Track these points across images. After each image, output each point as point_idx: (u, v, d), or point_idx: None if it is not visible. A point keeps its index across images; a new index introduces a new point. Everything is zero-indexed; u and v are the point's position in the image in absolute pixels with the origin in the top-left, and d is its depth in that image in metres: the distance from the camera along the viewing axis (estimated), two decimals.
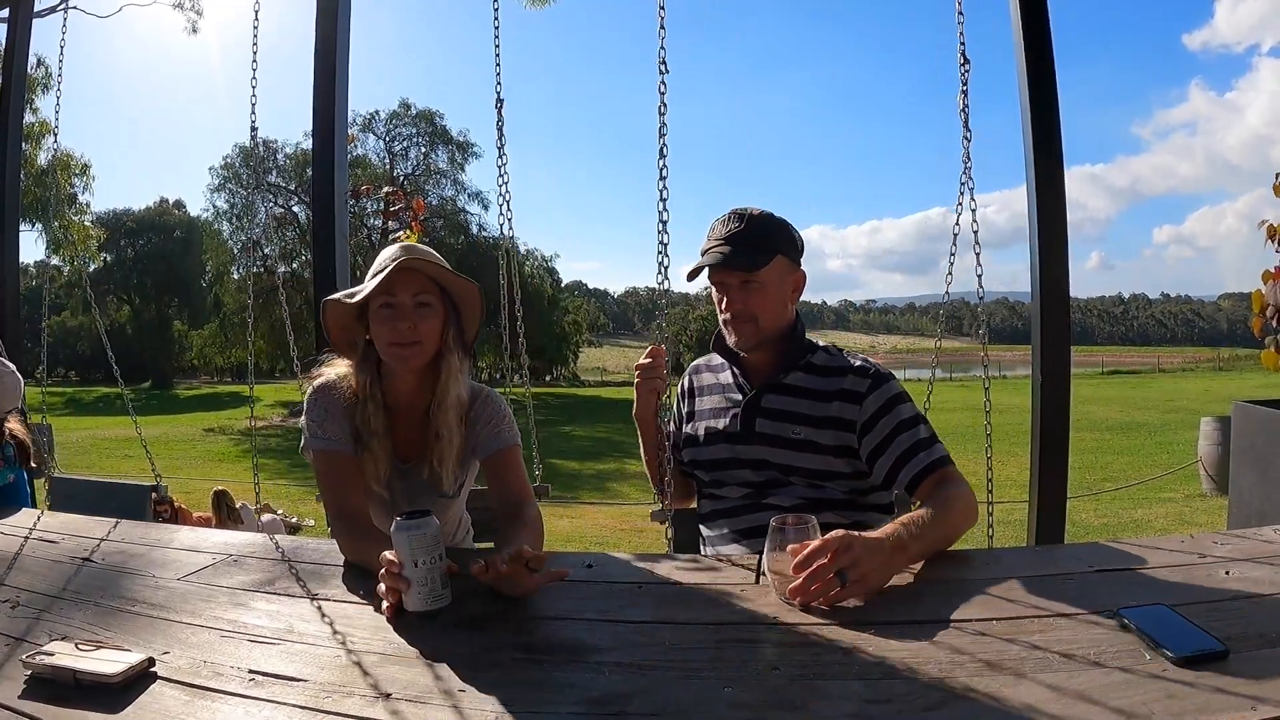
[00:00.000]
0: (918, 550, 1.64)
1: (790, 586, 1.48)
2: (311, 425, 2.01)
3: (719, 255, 2.05)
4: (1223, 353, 72.98)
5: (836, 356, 2.14)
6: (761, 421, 2.11)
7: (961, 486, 1.88)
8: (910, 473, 1.93)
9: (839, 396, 2.04)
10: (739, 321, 2.09)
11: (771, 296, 2.08)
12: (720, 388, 2.25)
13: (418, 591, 1.52)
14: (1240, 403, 5.04)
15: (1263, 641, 1.24)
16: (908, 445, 1.96)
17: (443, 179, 36.55)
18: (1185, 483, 10.00)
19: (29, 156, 17.02)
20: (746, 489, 2.12)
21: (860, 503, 2.08)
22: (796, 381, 2.11)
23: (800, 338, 2.16)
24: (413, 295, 1.93)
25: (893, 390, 2.03)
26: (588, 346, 69.66)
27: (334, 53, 3.49)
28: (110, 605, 1.64)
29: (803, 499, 2.04)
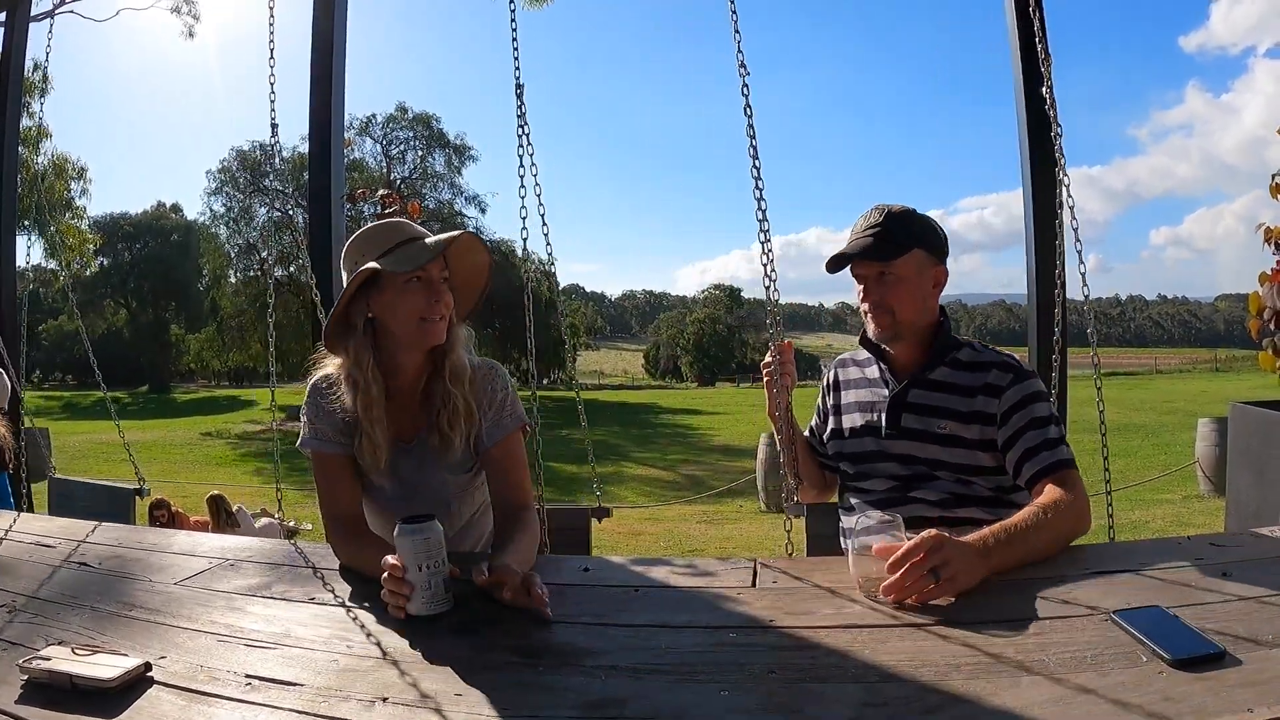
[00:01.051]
0: (1012, 555, 1.63)
1: (885, 584, 1.49)
2: (307, 422, 2.00)
3: (858, 246, 2.10)
4: (1220, 354, 73.07)
5: (983, 352, 2.16)
6: (908, 416, 2.13)
7: (1075, 492, 1.85)
8: (1031, 470, 1.94)
9: (983, 391, 2.06)
10: (876, 312, 2.12)
11: (909, 289, 2.11)
12: (866, 382, 2.28)
13: (420, 596, 1.52)
14: (1237, 404, 5.05)
15: (1259, 644, 1.24)
16: (1035, 442, 1.96)
17: (440, 182, 36.61)
18: (1182, 484, 10.01)
19: (26, 161, 16.99)
20: (893, 482, 2.14)
21: (1006, 499, 2.06)
22: (942, 377, 2.13)
23: (946, 333, 2.17)
24: (440, 270, 1.94)
25: (1032, 387, 2.05)
26: (585, 349, 69.64)
27: (331, 50, 3.49)
28: (107, 610, 1.64)
29: (949, 494, 2.06)
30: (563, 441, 21.79)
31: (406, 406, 2.03)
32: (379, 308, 1.93)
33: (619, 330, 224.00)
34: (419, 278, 1.90)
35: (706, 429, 25.09)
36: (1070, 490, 1.85)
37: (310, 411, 2.00)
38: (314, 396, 2.01)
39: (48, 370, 53.49)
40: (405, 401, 2.03)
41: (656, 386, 60.77)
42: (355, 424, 1.96)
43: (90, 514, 3.92)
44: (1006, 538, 1.63)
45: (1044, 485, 1.89)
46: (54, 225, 15.28)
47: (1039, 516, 1.73)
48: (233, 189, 33.37)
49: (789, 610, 1.51)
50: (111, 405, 4.74)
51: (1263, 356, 5.03)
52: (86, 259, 25.10)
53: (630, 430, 25.31)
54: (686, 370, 67.24)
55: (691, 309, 74.85)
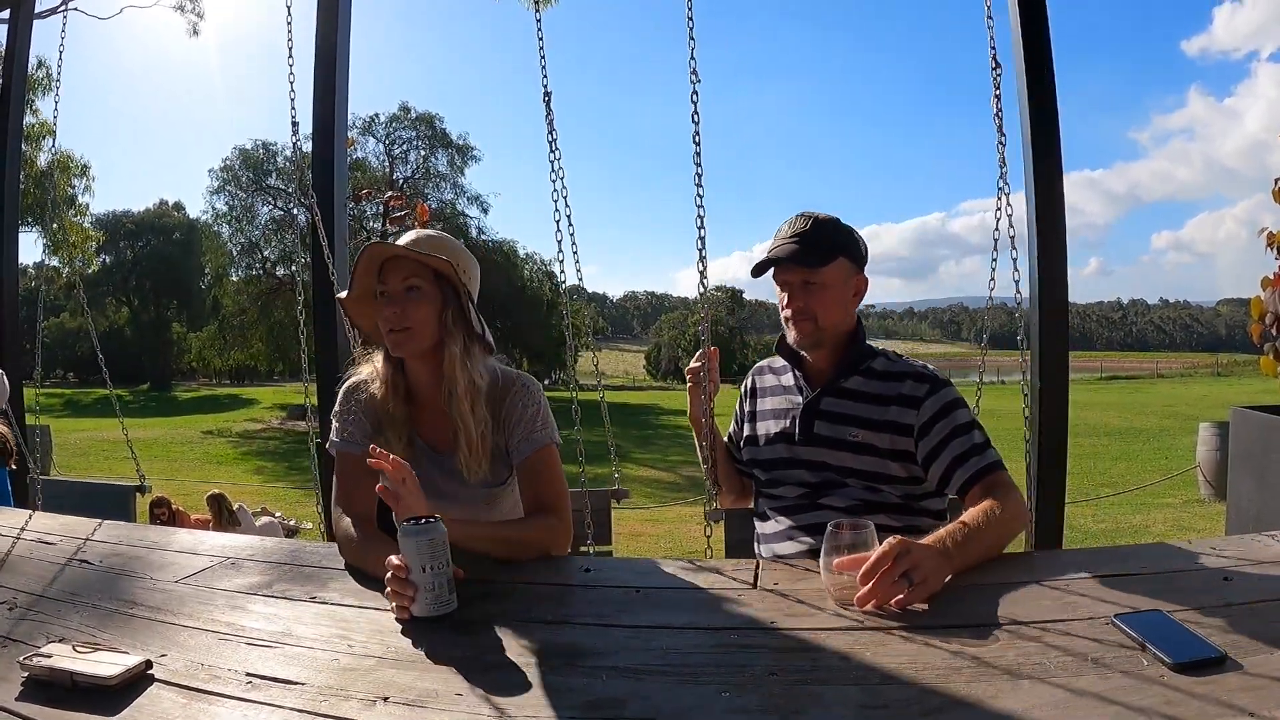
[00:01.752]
0: (970, 554, 1.66)
1: (859, 595, 1.49)
2: (336, 425, 2.04)
3: (785, 252, 2.09)
4: (1221, 358, 72.94)
5: (896, 362, 2.16)
6: (820, 424, 2.14)
7: (1011, 494, 1.89)
8: (963, 477, 1.96)
9: (897, 401, 2.06)
10: (799, 319, 2.11)
11: (832, 297, 2.11)
12: (782, 389, 2.28)
13: (424, 597, 1.52)
14: (1238, 408, 5.05)
15: (1260, 648, 1.23)
16: (962, 450, 1.98)
17: (442, 182, 36.49)
18: (1183, 488, 10.00)
19: (29, 158, 17.02)
20: (803, 489, 2.15)
21: (914, 507, 2.09)
22: (856, 385, 2.13)
23: (861, 342, 2.18)
24: (402, 280, 1.93)
25: (950, 396, 2.06)
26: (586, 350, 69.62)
27: (334, 50, 3.49)
28: (108, 607, 1.64)
29: (858, 500, 2.07)
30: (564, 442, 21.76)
31: (436, 418, 2.03)
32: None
33: (620, 331, 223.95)
34: (382, 291, 1.95)
35: None
36: (1006, 491, 1.89)
37: (341, 414, 2.05)
38: (346, 398, 2.06)
39: (49, 368, 53.49)
40: (433, 412, 2.03)
41: (658, 388, 60.70)
42: (380, 426, 2.01)
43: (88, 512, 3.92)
44: (963, 538, 1.66)
45: (980, 490, 1.92)
46: (57, 222, 15.28)
47: (987, 516, 1.76)
48: (235, 187, 33.33)
49: (790, 612, 1.51)
50: (116, 403, 4.74)
51: (1264, 361, 5.03)
52: (88, 257, 25.14)
53: (631, 431, 25.26)
54: None
55: (693, 310, 74.67)
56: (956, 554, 1.62)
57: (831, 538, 1.57)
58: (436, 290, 1.95)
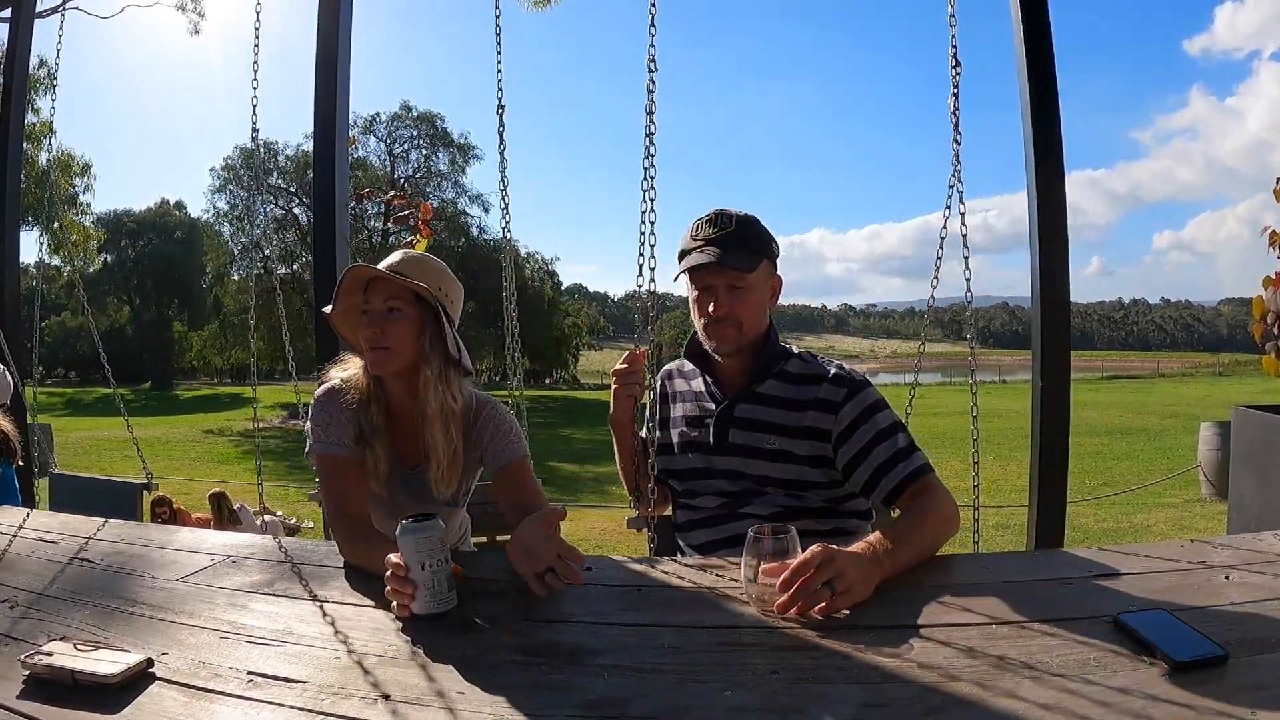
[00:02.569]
0: (898, 562, 1.61)
1: (779, 602, 1.45)
2: (316, 430, 2.02)
3: (711, 255, 1.97)
4: (1222, 358, 72.91)
5: (811, 364, 2.09)
6: (735, 432, 2.07)
7: (941, 496, 1.84)
8: (890, 484, 1.90)
9: (814, 406, 1.99)
10: (722, 325, 2.02)
11: (756, 300, 2.03)
12: (693, 395, 2.20)
13: (424, 594, 1.52)
14: (1240, 408, 5.04)
15: (1262, 646, 1.23)
16: (886, 456, 1.91)
17: (443, 181, 36.61)
18: (1185, 488, 10.00)
19: (30, 157, 17.03)
20: (722, 499, 2.08)
21: (839, 509, 2.04)
22: (770, 390, 2.06)
23: (774, 344, 2.10)
24: (384, 300, 1.96)
25: (870, 399, 1.98)
26: (587, 349, 69.57)
27: (335, 53, 3.49)
28: (109, 606, 1.64)
29: (780, 508, 2.01)
30: (563, 441, 21.80)
31: (407, 434, 2.07)
32: None
33: (622, 330, 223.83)
34: (364, 310, 1.98)
35: None
36: (936, 494, 1.85)
37: (318, 419, 2.03)
38: (323, 405, 2.04)
39: (50, 367, 53.50)
40: (406, 429, 2.07)
41: None
42: (361, 434, 2.03)
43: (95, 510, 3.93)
44: (894, 544, 1.62)
45: (910, 494, 1.87)
46: (59, 221, 15.28)
47: (918, 520, 1.74)
48: (236, 186, 33.36)
49: None
50: (121, 401, 4.75)
51: (1266, 360, 5.02)
52: (90, 256, 25.14)
53: None
54: None
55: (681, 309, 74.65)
56: (886, 560, 1.58)
57: (752, 544, 1.52)
58: (417, 312, 1.97)
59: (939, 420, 18.04)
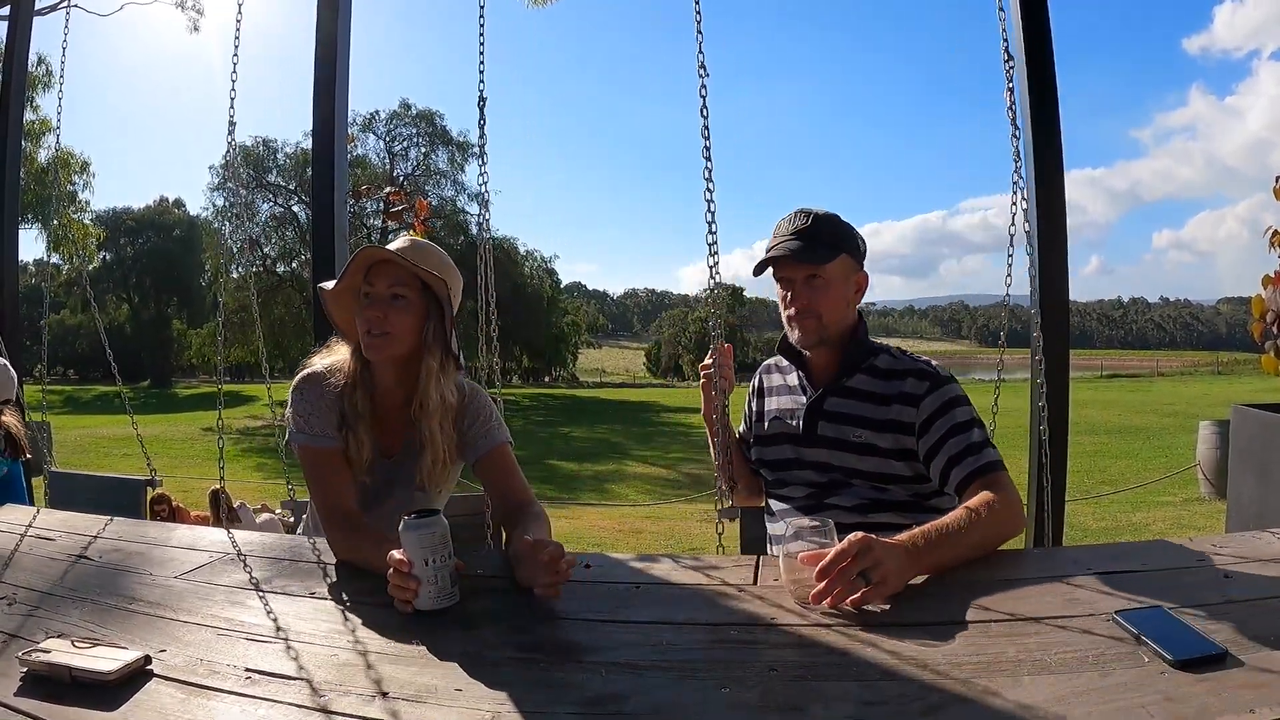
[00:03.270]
0: (942, 555, 1.62)
1: (814, 592, 1.47)
2: (297, 419, 1.99)
3: (786, 249, 2.06)
4: (1221, 357, 72.87)
5: (900, 359, 2.14)
6: (824, 424, 2.12)
7: (1006, 493, 1.85)
8: (959, 476, 1.93)
9: (898, 399, 2.04)
10: (802, 317, 2.09)
11: (835, 294, 2.09)
12: (787, 389, 2.27)
13: (427, 590, 1.52)
14: (1239, 406, 5.04)
15: (1261, 644, 1.23)
16: (960, 448, 1.95)
17: (442, 179, 36.54)
18: (1184, 486, 9.99)
19: (29, 154, 17.02)
20: (809, 489, 2.14)
21: (924, 505, 2.06)
22: (859, 384, 2.11)
23: (863, 340, 2.16)
24: (388, 285, 1.93)
25: (951, 393, 2.03)
26: (586, 348, 69.62)
27: (334, 51, 3.49)
28: (107, 603, 1.64)
29: (865, 500, 2.05)
30: (562, 439, 21.81)
31: (388, 423, 2.05)
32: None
33: (621, 329, 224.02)
34: (366, 292, 1.95)
35: None
36: (998, 491, 1.84)
37: (299, 407, 1.99)
38: (304, 391, 2.01)
39: (49, 364, 53.25)
40: (388, 418, 2.05)
41: (658, 385, 60.73)
42: (344, 420, 1.99)
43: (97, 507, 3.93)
44: (936, 538, 1.63)
45: (974, 489, 1.89)
46: (58, 219, 15.28)
47: (968, 517, 1.73)
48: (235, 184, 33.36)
49: (790, 608, 1.50)
50: (125, 400, 4.75)
51: (1265, 359, 5.02)
52: (90, 253, 25.12)
53: (632, 428, 25.27)
54: (688, 369, 67.11)
55: (693, 308, 74.67)
56: (926, 553, 1.59)
57: (791, 535, 1.56)
58: (421, 302, 1.97)
59: None
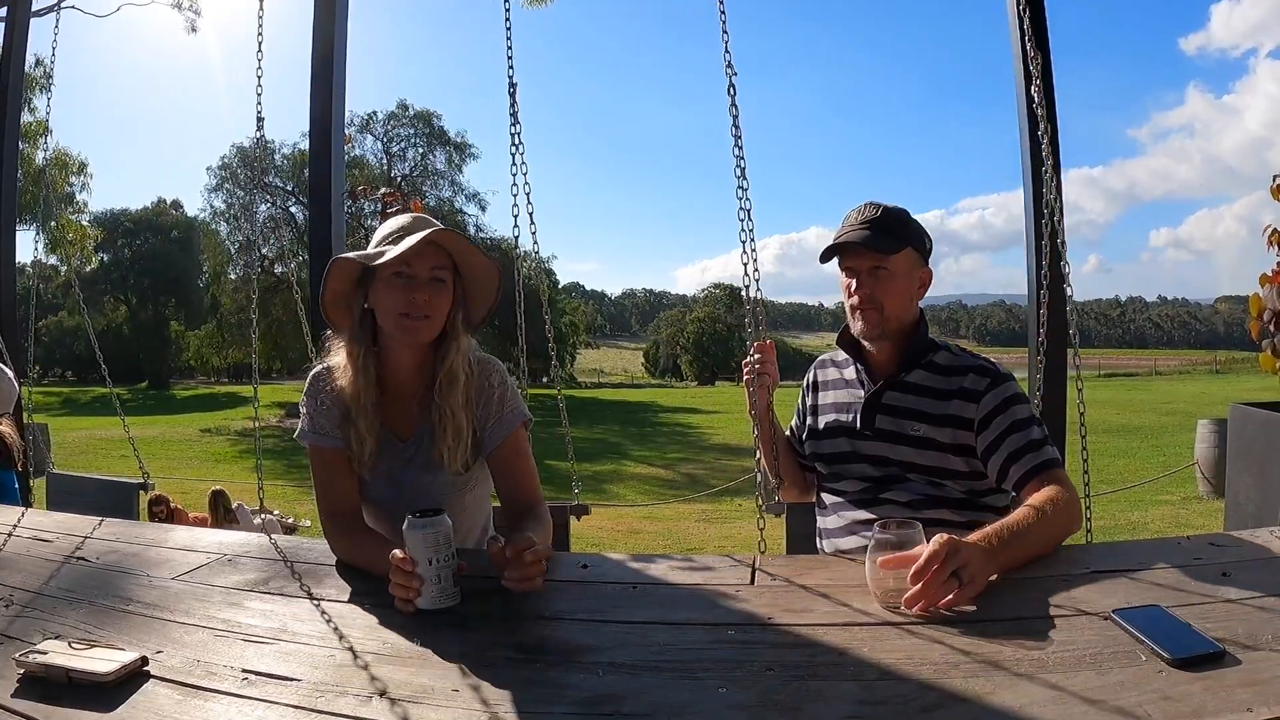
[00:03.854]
0: (1016, 553, 1.62)
1: (908, 596, 1.44)
2: (306, 416, 1.98)
3: (855, 237, 2.07)
4: (1219, 355, 72.98)
5: (960, 356, 2.15)
6: (882, 418, 2.13)
7: (1066, 491, 1.85)
8: (1018, 473, 1.93)
9: (958, 395, 2.05)
10: (866, 308, 2.09)
11: (899, 286, 2.10)
12: (844, 383, 2.28)
13: (430, 590, 1.53)
14: (1237, 405, 5.05)
15: (1258, 643, 1.23)
16: (1019, 445, 1.95)
17: (440, 180, 36.55)
18: (1182, 485, 10.01)
19: (26, 155, 16.98)
20: (865, 483, 2.14)
21: (978, 502, 2.07)
22: (918, 379, 2.12)
23: (924, 335, 2.16)
24: (430, 268, 1.87)
25: (1011, 390, 2.04)
26: (585, 348, 69.60)
27: (332, 48, 3.49)
28: (104, 604, 1.64)
29: (920, 495, 2.05)
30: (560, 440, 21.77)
31: (404, 405, 2.00)
32: (373, 299, 1.91)
33: (619, 329, 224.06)
34: (402, 273, 1.85)
35: (706, 428, 25.05)
36: (1061, 488, 1.85)
37: (309, 403, 1.99)
38: (314, 386, 1.99)
39: (47, 366, 53.38)
40: (403, 399, 2.00)
41: (656, 385, 60.71)
42: (349, 414, 1.95)
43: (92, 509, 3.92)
44: (1010, 536, 1.63)
45: (1034, 486, 1.89)
46: (55, 220, 15.25)
47: (1037, 515, 1.73)
48: (233, 185, 33.33)
49: (787, 608, 1.50)
50: (117, 401, 4.76)
51: (1263, 358, 5.03)
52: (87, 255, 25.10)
53: (629, 429, 25.30)
54: (686, 369, 67.15)
55: (691, 308, 74.62)
56: (1001, 551, 1.58)
57: (878, 538, 1.51)
58: (453, 284, 1.93)
59: None
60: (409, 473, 2.01)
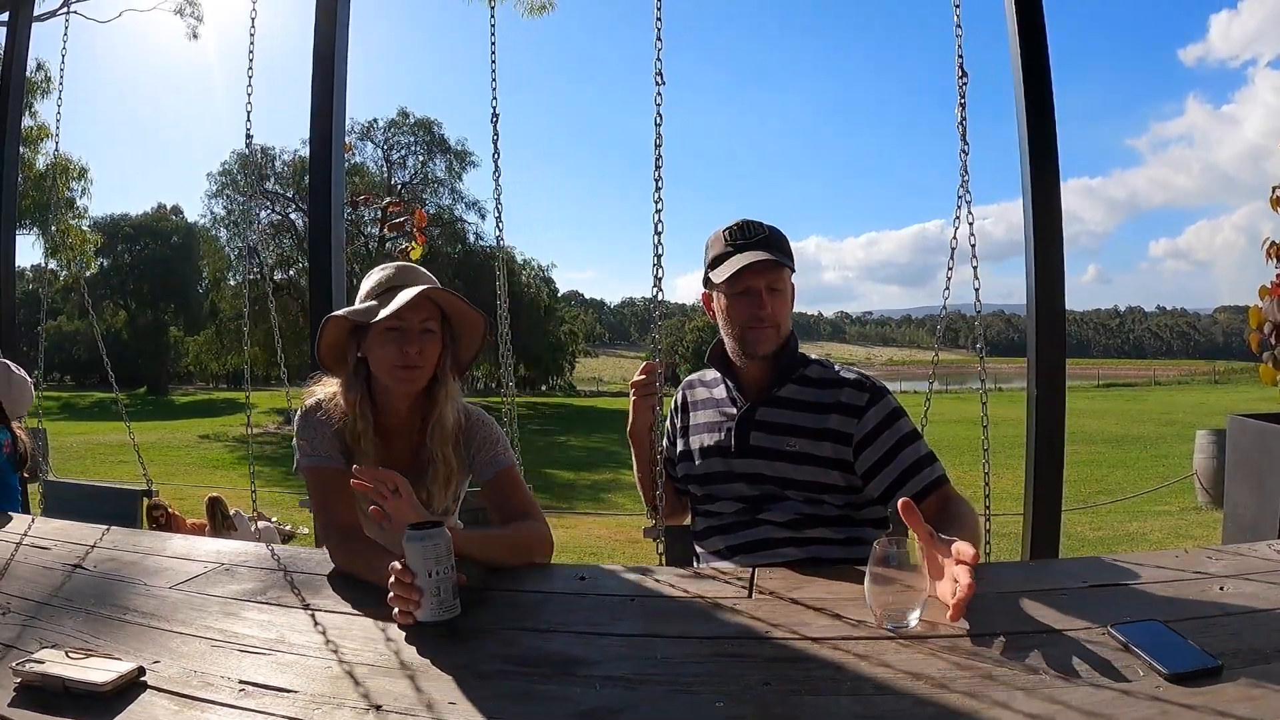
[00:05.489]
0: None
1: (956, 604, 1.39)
2: (302, 444, 2.02)
3: (756, 256, 2.01)
4: (1218, 365, 73.03)
5: (830, 369, 2.14)
6: (756, 434, 2.10)
7: (965, 504, 1.90)
8: (913, 490, 1.93)
9: (836, 409, 2.03)
10: (765, 327, 2.06)
11: (788, 303, 2.11)
12: (714, 402, 2.24)
13: (429, 602, 1.52)
14: (1235, 416, 5.06)
15: (1257, 658, 1.23)
16: (910, 462, 1.96)
17: (440, 188, 36.58)
18: (1180, 495, 10.00)
19: (27, 160, 17.01)
20: (741, 504, 2.10)
21: (855, 518, 2.06)
22: (791, 394, 2.10)
23: (794, 350, 2.14)
24: (421, 320, 1.96)
25: (891, 405, 2.03)
26: (584, 356, 69.54)
27: (332, 52, 3.49)
28: (101, 613, 1.63)
29: (798, 515, 2.03)
30: (559, 448, 21.78)
31: (398, 449, 2.06)
32: (366, 349, 1.99)
33: (618, 337, 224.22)
34: (395, 326, 1.93)
35: None
36: (959, 501, 1.93)
37: (305, 434, 2.02)
38: (307, 419, 2.03)
39: (45, 371, 53.00)
40: (397, 443, 2.07)
41: None
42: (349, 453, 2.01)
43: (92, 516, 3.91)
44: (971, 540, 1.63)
45: (931, 503, 1.91)
46: (55, 225, 15.27)
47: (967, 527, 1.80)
48: (234, 191, 33.36)
49: (784, 622, 1.50)
50: (122, 408, 4.76)
51: (1263, 369, 5.04)
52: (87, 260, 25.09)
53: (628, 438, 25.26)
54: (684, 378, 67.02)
55: (690, 317, 74.79)
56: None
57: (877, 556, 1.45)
58: (442, 331, 2.02)
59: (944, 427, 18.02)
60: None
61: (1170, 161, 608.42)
